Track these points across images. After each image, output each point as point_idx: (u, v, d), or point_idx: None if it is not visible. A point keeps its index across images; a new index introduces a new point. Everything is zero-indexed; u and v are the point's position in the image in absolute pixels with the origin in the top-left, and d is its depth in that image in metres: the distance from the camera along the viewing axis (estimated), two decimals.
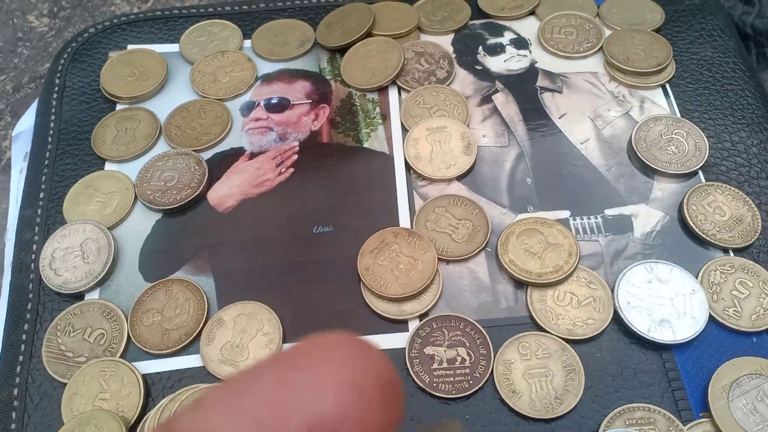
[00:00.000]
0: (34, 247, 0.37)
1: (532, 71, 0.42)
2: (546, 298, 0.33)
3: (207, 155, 0.40)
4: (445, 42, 0.44)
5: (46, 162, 0.41)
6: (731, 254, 0.35)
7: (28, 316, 0.35)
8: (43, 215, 0.39)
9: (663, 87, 0.41)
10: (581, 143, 0.39)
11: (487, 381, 0.31)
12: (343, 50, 0.44)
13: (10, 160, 0.46)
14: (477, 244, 0.35)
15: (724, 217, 0.35)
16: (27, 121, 0.45)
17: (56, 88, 0.44)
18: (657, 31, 0.44)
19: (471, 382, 0.31)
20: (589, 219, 0.36)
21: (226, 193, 0.39)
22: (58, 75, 0.45)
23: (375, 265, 0.34)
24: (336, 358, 0.13)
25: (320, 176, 0.39)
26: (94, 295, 0.35)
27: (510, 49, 0.43)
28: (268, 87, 0.43)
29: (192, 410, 0.13)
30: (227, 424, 0.12)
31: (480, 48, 0.44)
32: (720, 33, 0.44)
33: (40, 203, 0.39)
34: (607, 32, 0.44)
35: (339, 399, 0.13)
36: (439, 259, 0.35)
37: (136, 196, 0.38)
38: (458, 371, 0.31)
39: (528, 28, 0.45)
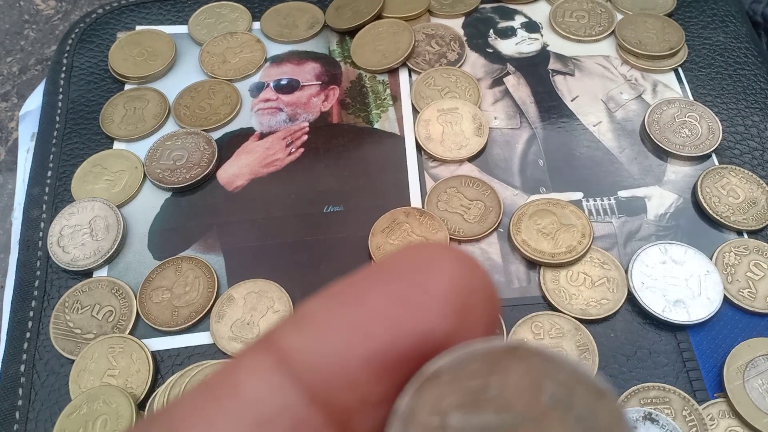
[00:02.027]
0: (42, 224, 0.37)
1: (543, 54, 0.42)
2: (559, 278, 0.33)
3: (216, 135, 0.40)
4: (456, 25, 0.44)
5: (54, 141, 0.41)
6: (745, 236, 0.34)
7: (35, 293, 0.35)
8: (51, 193, 0.38)
9: (675, 71, 0.41)
10: (594, 125, 0.39)
11: None
12: (352, 32, 0.44)
13: (16, 140, 0.46)
14: (489, 225, 0.35)
15: (738, 199, 0.35)
16: (34, 102, 0.45)
17: (64, 68, 0.44)
18: (669, 15, 0.44)
19: None
20: (603, 200, 0.36)
21: (235, 172, 0.38)
22: (66, 55, 0.44)
23: (386, 245, 0.34)
24: (445, 273, 0.12)
25: (330, 156, 0.39)
26: (102, 273, 0.35)
27: (521, 33, 0.43)
28: (277, 68, 0.43)
29: (296, 324, 0.12)
30: (344, 346, 0.12)
31: (491, 31, 0.43)
32: (732, 19, 0.44)
33: (48, 182, 0.39)
34: (619, 16, 0.43)
35: (449, 315, 0.12)
36: (450, 239, 0.34)
37: (145, 175, 0.38)
38: None
39: (539, 11, 0.44)
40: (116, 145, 0.40)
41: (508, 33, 0.43)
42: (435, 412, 0.12)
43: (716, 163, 0.37)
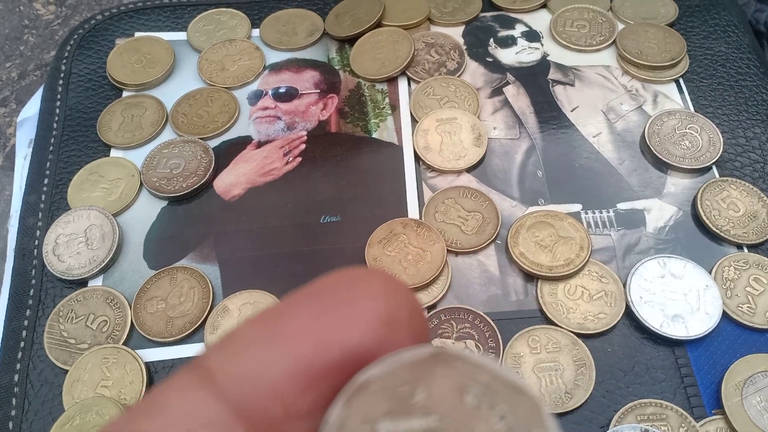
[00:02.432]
0: (38, 233, 0.37)
1: (543, 64, 0.42)
2: (557, 292, 0.33)
3: (214, 143, 0.39)
4: (456, 34, 0.44)
5: (51, 148, 0.40)
6: (745, 250, 0.34)
7: (30, 302, 0.35)
8: (47, 201, 0.38)
9: (677, 82, 0.41)
10: (593, 136, 0.38)
11: None
12: (352, 40, 0.43)
13: (14, 146, 0.46)
14: (487, 236, 0.35)
15: (738, 213, 0.35)
16: (32, 108, 0.44)
17: (62, 75, 0.44)
18: (670, 25, 0.43)
19: None
20: (601, 213, 0.35)
21: (232, 181, 0.38)
22: (64, 61, 0.44)
23: (383, 256, 0.34)
24: (369, 291, 0.13)
25: (328, 166, 0.38)
26: (97, 282, 0.35)
27: (521, 42, 0.43)
28: (276, 76, 0.43)
29: (224, 345, 0.13)
30: (265, 361, 0.12)
31: (491, 40, 0.43)
32: (734, 29, 0.44)
33: (45, 189, 0.39)
34: (620, 26, 0.43)
35: (375, 328, 0.13)
36: (448, 250, 0.34)
37: (141, 183, 0.38)
38: None
39: (540, 20, 0.44)
40: (113, 153, 0.40)
41: (508, 42, 0.43)
42: (365, 421, 0.12)
43: (717, 175, 0.37)
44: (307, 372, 0.12)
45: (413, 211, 0.36)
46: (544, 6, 0.45)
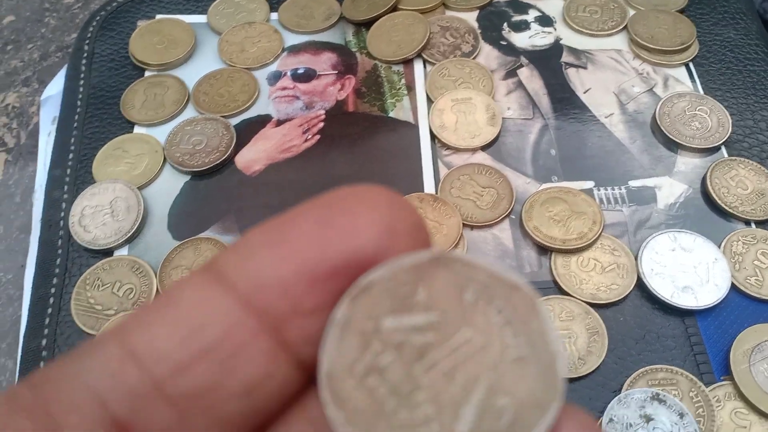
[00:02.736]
0: (63, 205, 0.38)
1: (556, 47, 0.43)
2: (570, 264, 0.34)
3: (234, 121, 0.41)
4: (470, 18, 0.45)
5: (75, 125, 0.41)
6: (753, 226, 0.35)
7: (57, 270, 0.36)
8: (72, 175, 0.39)
9: (686, 66, 0.42)
10: (605, 117, 0.39)
11: None
12: (368, 24, 0.44)
13: (37, 125, 0.47)
14: (501, 211, 0.36)
15: (746, 190, 0.36)
16: (55, 87, 0.45)
17: (85, 54, 0.45)
18: (681, 12, 0.44)
19: None
20: (613, 189, 0.36)
21: (253, 157, 0.39)
22: (87, 42, 0.45)
23: None
24: (370, 204, 0.14)
25: (345, 144, 0.39)
26: (123, 252, 0.36)
27: (535, 26, 0.44)
28: (294, 58, 0.44)
29: (236, 249, 0.14)
30: (274, 262, 0.13)
31: (505, 24, 0.44)
32: (742, 16, 0.45)
33: (69, 164, 0.40)
34: (631, 12, 0.44)
35: (376, 235, 0.13)
36: (463, 224, 0.35)
37: (164, 159, 0.39)
38: None
39: (552, 6, 0.45)
40: (136, 130, 0.41)
41: (521, 26, 0.44)
42: (369, 318, 0.13)
43: (725, 155, 0.38)
44: (312, 273, 0.13)
45: (429, 187, 0.37)
46: None
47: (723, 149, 0.38)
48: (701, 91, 0.40)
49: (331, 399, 0.13)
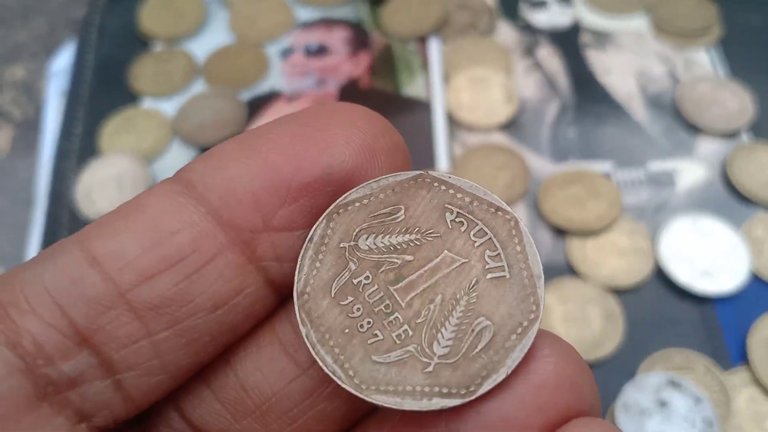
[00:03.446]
0: (70, 178, 0.37)
1: (576, 28, 0.42)
2: (586, 247, 0.33)
3: (245, 96, 0.40)
4: None
5: (83, 98, 0.41)
6: None
7: None
8: (79, 148, 0.38)
9: (708, 49, 0.41)
10: (624, 99, 0.38)
11: None
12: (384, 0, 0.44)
13: (44, 99, 0.46)
14: (517, 192, 0.35)
15: (767, 175, 0.35)
16: (63, 60, 0.45)
17: (94, 28, 0.44)
18: None
19: None
20: (632, 172, 0.36)
21: None
22: (96, 15, 0.45)
23: None
24: (349, 121, 0.13)
25: None
26: None
27: (553, 6, 0.43)
28: (307, 33, 0.43)
29: (205, 159, 0.13)
30: (243, 172, 0.13)
31: (523, 3, 0.43)
32: (766, 1, 0.44)
33: (77, 137, 0.39)
34: None
35: (352, 153, 0.13)
36: None
37: (173, 133, 0.38)
38: None
39: None
40: (145, 103, 0.40)
41: (540, 5, 0.43)
42: (346, 238, 0.13)
43: (746, 139, 0.37)
44: (285, 185, 0.13)
45: (443, 167, 0.36)
46: None
47: (744, 134, 0.37)
48: (723, 75, 0.40)
49: (306, 318, 0.13)
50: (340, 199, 0.13)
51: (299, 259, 0.13)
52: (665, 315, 0.31)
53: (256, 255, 0.13)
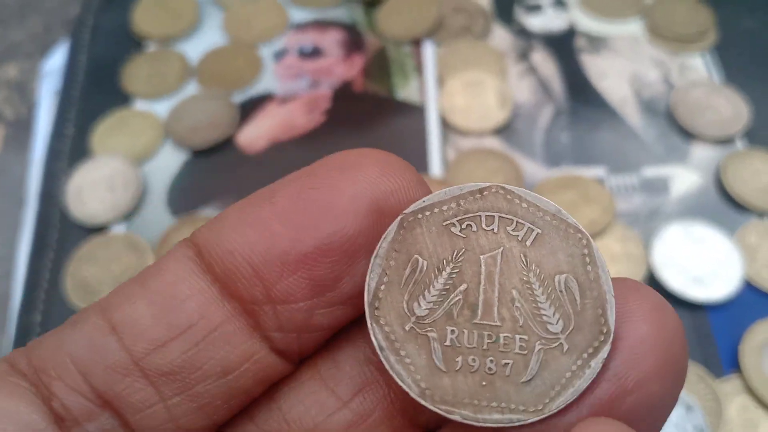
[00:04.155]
0: (61, 178, 0.37)
1: (570, 32, 0.42)
2: None
3: (238, 98, 0.40)
4: None
5: (76, 99, 0.41)
6: (767, 219, 0.34)
7: (53, 244, 0.35)
8: (71, 149, 0.38)
9: (703, 54, 0.41)
10: (619, 104, 0.38)
11: None
12: (378, 2, 0.43)
13: (38, 98, 0.46)
14: None
15: (761, 183, 0.35)
16: (56, 60, 0.45)
17: (87, 28, 0.44)
18: None
19: None
20: (625, 178, 0.35)
21: (256, 136, 0.38)
22: (90, 15, 0.44)
23: None
24: (360, 175, 0.13)
25: (351, 125, 0.38)
26: (120, 228, 0.35)
27: (548, 10, 0.43)
28: (301, 35, 0.43)
29: (212, 225, 0.13)
30: (242, 243, 0.12)
31: (518, 7, 0.43)
32: (762, 5, 0.44)
33: (69, 137, 0.39)
34: None
35: (357, 218, 0.12)
36: None
37: (165, 134, 0.38)
38: None
39: None
40: (137, 104, 0.40)
41: (535, 10, 0.43)
42: (403, 320, 0.13)
43: (740, 146, 0.37)
44: (283, 258, 0.12)
45: (436, 171, 0.36)
46: None
47: (738, 140, 0.37)
48: (718, 81, 0.39)
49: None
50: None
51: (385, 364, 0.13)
52: None
53: (260, 325, 0.13)
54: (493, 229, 0.13)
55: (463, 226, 0.13)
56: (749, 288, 0.32)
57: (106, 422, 0.12)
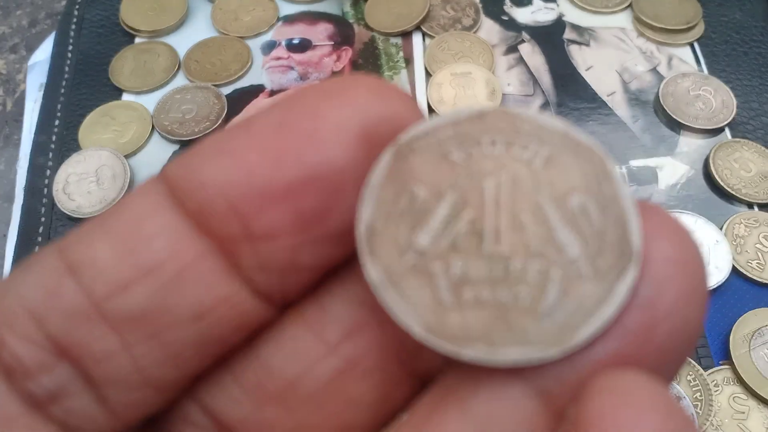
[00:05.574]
0: (48, 172, 0.37)
1: (559, 24, 0.42)
2: None
3: (226, 90, 0.39)
4: None
5: (62, 91, 0.40)
6: (756, 209, 0.34)
7: (39, 239, 0.35)
8: (57, 142, 0.38)
9: (691, 45, 0.41)
10: (607, 95, 0.38)
11: None
12: None
13: (23, 92, 0.45)
14: None
15: (749, 173, 0.35)
16: (43, 53, 0.44)
17: (74, 20, 0.43)
18: None
19: None
20: None
21: None
22: (77, 7, 0.44)
23: None
24: (347, 100, 0.11)
25: None
26: None
27: (537, 2, 0.43)
28: (289, 27, 0.42)
29: (186, 157, 0.12)
30: (216, 170, 0.11)
31: None
32: None
33: (55, 130, 0.38)
34: None
35: (343, 146, 0.11)
36: None
37: (153, 127, 0.38)
38: None
39: None
40: (125, 97, 0.39)
41: (524, 1, 0.43)
42: (399, 244, 0.11)
43: (729, 136, 0.37)
44: (263, 189, 0.11)
45: None
46: None
47: (727, 131, 0.37)
48: (706, 72, 0.39)
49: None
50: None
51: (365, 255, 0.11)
52: None
53: (239, 264, 0.12)
54: (496, 152, 0.11)
55: (464, 151, 0.11)
56: (738, 278, 0.32)
57: (64, 373, 0.11)
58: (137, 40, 0.42)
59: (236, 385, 0.13)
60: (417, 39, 0.41)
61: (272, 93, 0.39)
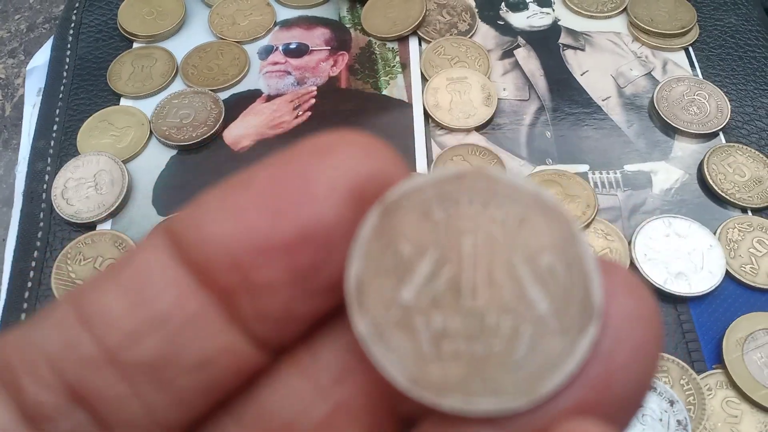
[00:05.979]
0: (47, 177, 0.37)
1: (554, 29, 0.42)
2: None
3: (224, 95, 0.40)
4: None
5: (61, 96, 0.40)
6: (749, 213, 0.34)
7: (38, 243, 0.35)
8: (56, 147, 0.38)
9: (686, 50, 0.41)
10: (602, 100, 0.39)
11: None
12: (363, 0, 0.43)
13: (22, 97, 0.46)
14: None
15: (743, 177, 0.35)
16: (41, 57, 0.44)
17: (72, 25, 0.44)
18: None
19: None
20: (608, 173, 0.36)
21: (242, 133, 0.38)
22: (75, 12, 0.44)
23: None
24: (339, 158, 0.12)
25: (337, 121, 0.39)
26: (106, 226, 0.35)
27: (533, 6, 0.43)
28: (286, 32, 0.43)
29: (190, 211, 0.13)
30: (218, 226, 0.12)
31: (503, 4, 0.43)
32: (744, 2, 0.44)
33: (54, 135, 0.39)
34: None
35: (334, 205, 0.12)
36: None
37: (151, 132, 0.38)
38: None
39: None
40: (123, 102, 0.40)
41: (519, 6, 0.43)
42: (384, 302, 0.12)
43: (723, 141, 0.37)
44: (262, 245, 0.12)
45: (421, 167, 0.36)
46: None
47: (721, 135, 0.37)
48: (700, 76, 0.40)
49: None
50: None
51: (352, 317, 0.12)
52: None
53: (239, 314, 0.12)
54: (473, 211, 0.12)
55: (444, 210, 0.12)
56: (731, 282, 0.32)
57: (80, 418, 0.12)
58: (135, 45, 0.42)
59: (237, 426, 0.14)
60: (413, 44, 0.41)
61: (269, 98, 0.39)
